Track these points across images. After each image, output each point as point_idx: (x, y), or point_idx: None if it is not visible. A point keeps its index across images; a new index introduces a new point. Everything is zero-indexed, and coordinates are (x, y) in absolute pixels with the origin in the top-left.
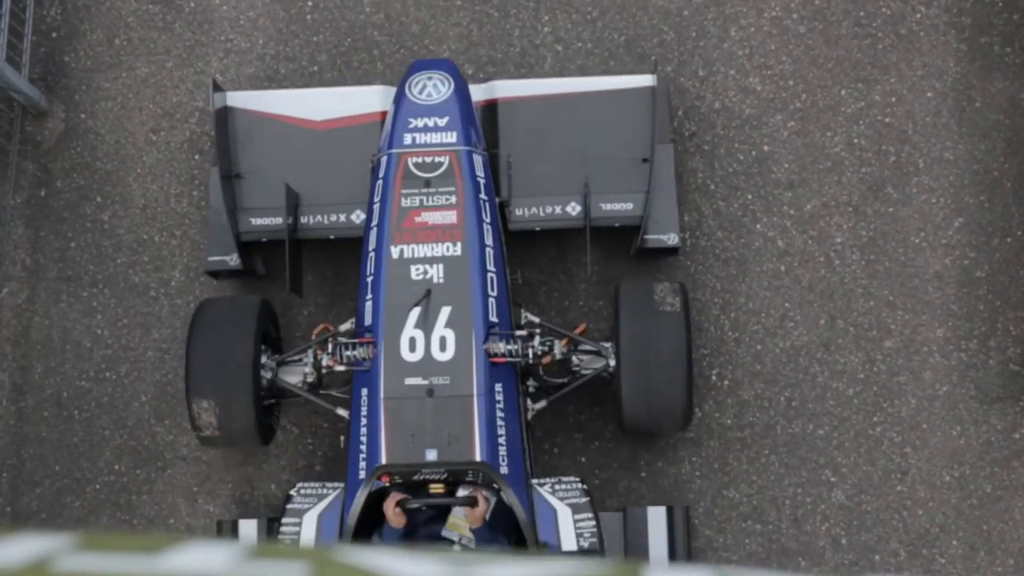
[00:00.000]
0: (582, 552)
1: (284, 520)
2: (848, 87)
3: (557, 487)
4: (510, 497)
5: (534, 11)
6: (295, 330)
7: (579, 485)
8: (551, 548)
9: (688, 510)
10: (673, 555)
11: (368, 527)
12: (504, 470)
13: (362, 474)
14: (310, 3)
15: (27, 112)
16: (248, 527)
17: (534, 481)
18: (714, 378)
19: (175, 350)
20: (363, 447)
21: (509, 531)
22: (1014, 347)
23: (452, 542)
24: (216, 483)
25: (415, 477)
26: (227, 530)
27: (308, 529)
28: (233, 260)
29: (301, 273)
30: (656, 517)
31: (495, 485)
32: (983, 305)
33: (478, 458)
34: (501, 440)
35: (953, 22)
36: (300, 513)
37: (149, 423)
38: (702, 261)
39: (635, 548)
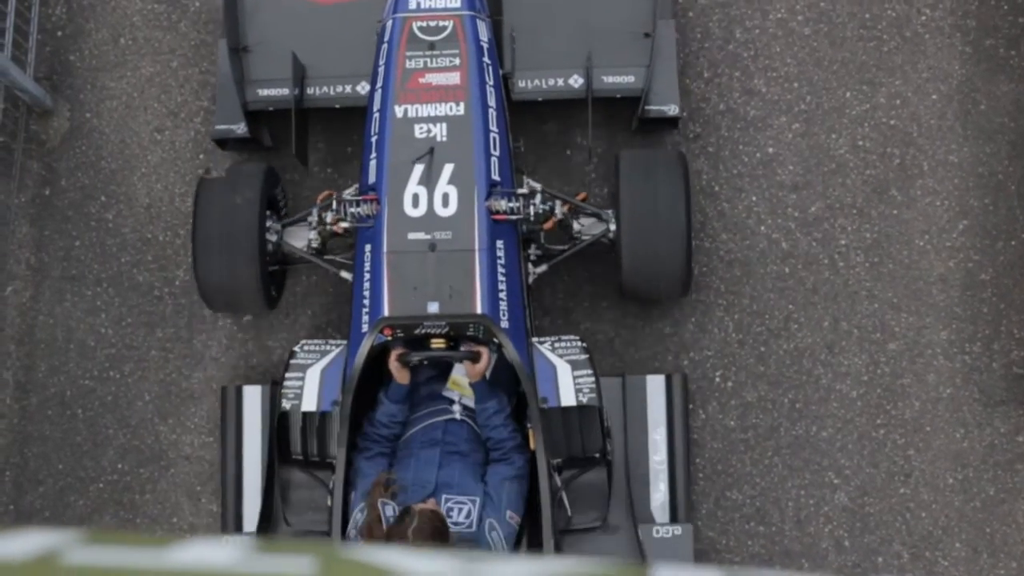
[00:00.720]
0: (580, 408)
1: (287, 375)
2: (853, 89)
3: (557, 344)
4: (510, 352)
5: None
6: (301, 202)
7: (579, 343)
8: (550, 404)
9: (686, 378)
10: (671, 422)
11: (374, 392)
12: (504, 324)
13: (365, 328)
14: None
15: (32, 111)
16: (253, 393)
17: (534, 339)
18: (718, 379)
19: (179, 349)
20: (366, 302)
21: (509, 390)
22: (1018, 350)
23: (451, 401)
24: (219, 482)
25: (417, 331)
26: (231, 395)
27: (311, 384)
28: (240, 129)
29: (307, 143)
30: (655, 385)
31: (495, 340)
32: (987, 308)
33: (479, 311)
34: (502, 295)
35: (958, 25)
36: (303, 368)
37: (153, 422)
38: (706, 263)
39: (634, 414)
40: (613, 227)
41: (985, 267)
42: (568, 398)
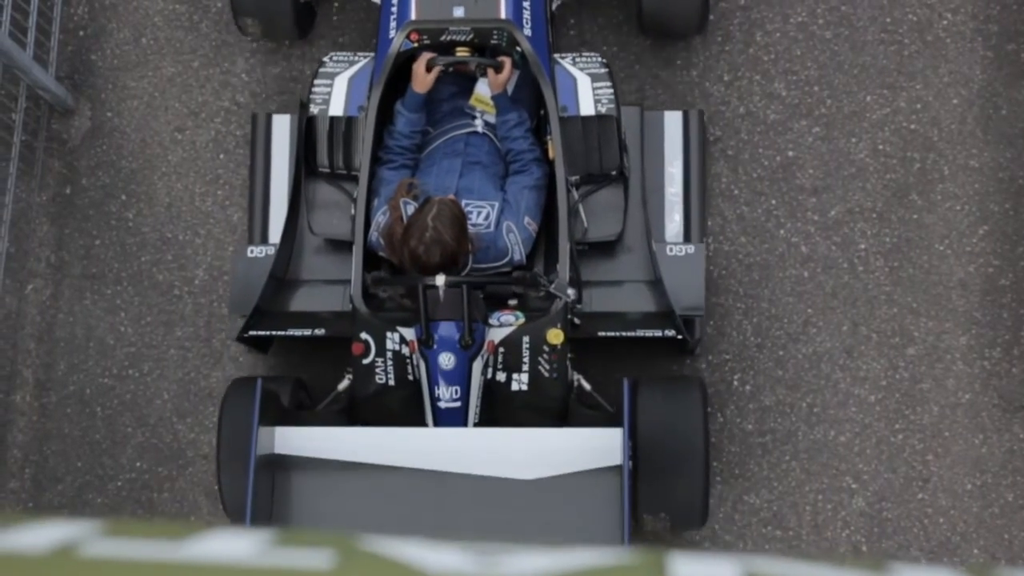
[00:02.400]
0: (599, 118)
1: (316, 82)
2: (873, 93)
3: (578, 59)
4: (531, 57)
5: None
6: None
7: (599, 59)
8: (569, 112)
9: (703, 113)
10: (687, 156)
11: (392, 102)
12: (527, 33)
13: (392, 34)
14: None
15: (53, 110)
16: (282, 121)
17: (555, 55)
18: (736, 383)
19: (197, 348)
20: (394, 9)
21: (530, 108)
22: None
23: (474, 116)
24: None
25: (443, 38)
26: (261, 122)
27: (339, 90)
28: None
29: None
30: (672, 121)
31: (518, 48)
32: (1007, 313)
33: (503, 15)
34: (525, 4)
35: (980, 29)
36: (332, 76)
37: (171, 421)
38: (725, 266)
39: (651, 148)
40: None
41: (1005, 272)
42: (587, 107)
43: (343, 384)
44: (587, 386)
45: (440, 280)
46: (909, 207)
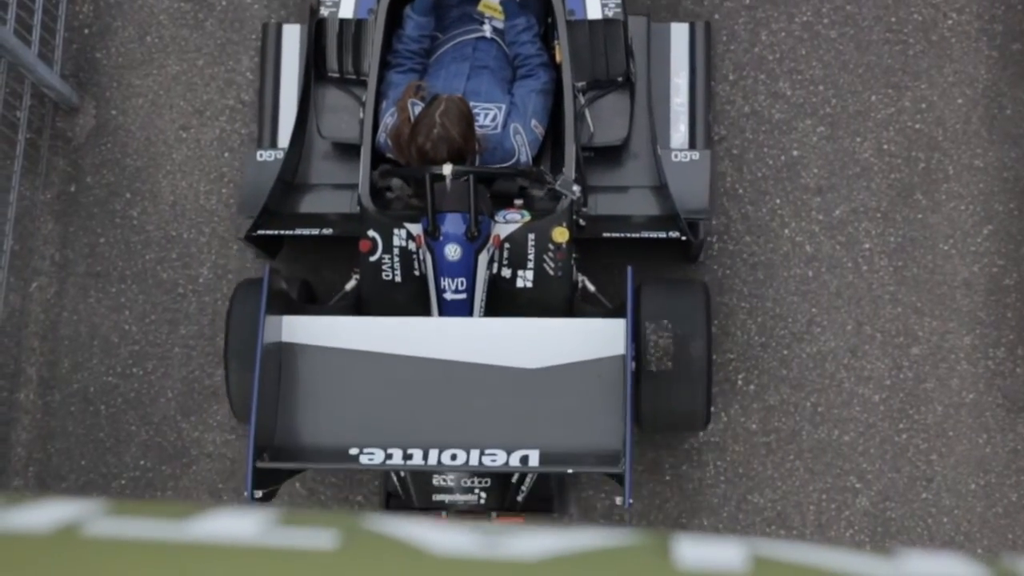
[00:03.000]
0: (606, 22)
1: None
2: (878, 93)
3: None
4: None
5: None
6: None
7: None
8: (577, 16)
9: (709, 25)
10: (693, 67)
11: (401, 6)
12: None
13: None
14: None
15: (58, 108)
16: (292, 31)
17: None
18: (740, 382)
19: (202, 347)
20: None
21: (538, 15)
22: None
23: (482, 21)
24: (241, 480)
25: None
26: (271, 32)
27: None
28: None
29: None
30: (678, 33)
31: None
32: (1011, 313)
33: None
34: None
35: (985, 29)
36: None
37: (175, 419)
38: (730, 265)
39: (657, 58)
40: None
41: (1010, 272)
42: (594, 11)
43: (350, 284)
44: (591, 287)
45: (447, 169)
46: (914, 207)
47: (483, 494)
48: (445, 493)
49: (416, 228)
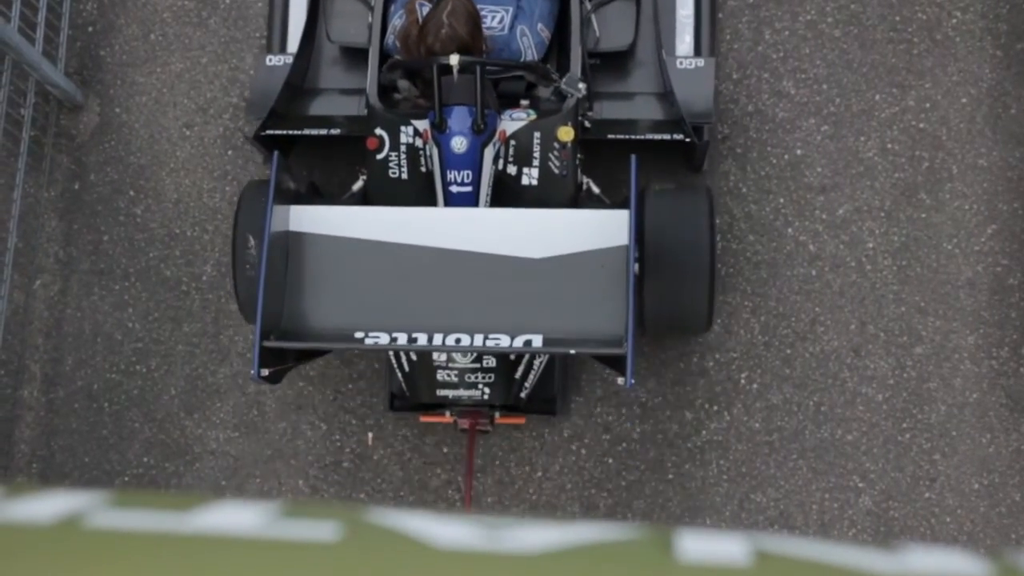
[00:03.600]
0: None
1: None
2: (882, 92)
3: None
4: None
5: None
6: None
7: None
8: None
9: None
10: (698, 13)
11: None
12: None
13: None
14: None
15: (62, 106)
16: None
17: None
18: (743, 381)
19: (205, 344)
20: None
21: None
22: None
23: None
24: (244, 477)
25: None
26: None
27: None
28: None
29: None
30: None
31: None
32: (1015, 313)
33: None
34: None
35: (989, 28)
36: None
37: (178, 417)
38: (733, 264)
39: None
40: None
41: (1013, 271)
42: None
43: (357, 185)
44: (596, 189)
45: (454, 59)
46: (917, 206)
47: (486, 389)
48: (449, 388)
49: (423, 124)
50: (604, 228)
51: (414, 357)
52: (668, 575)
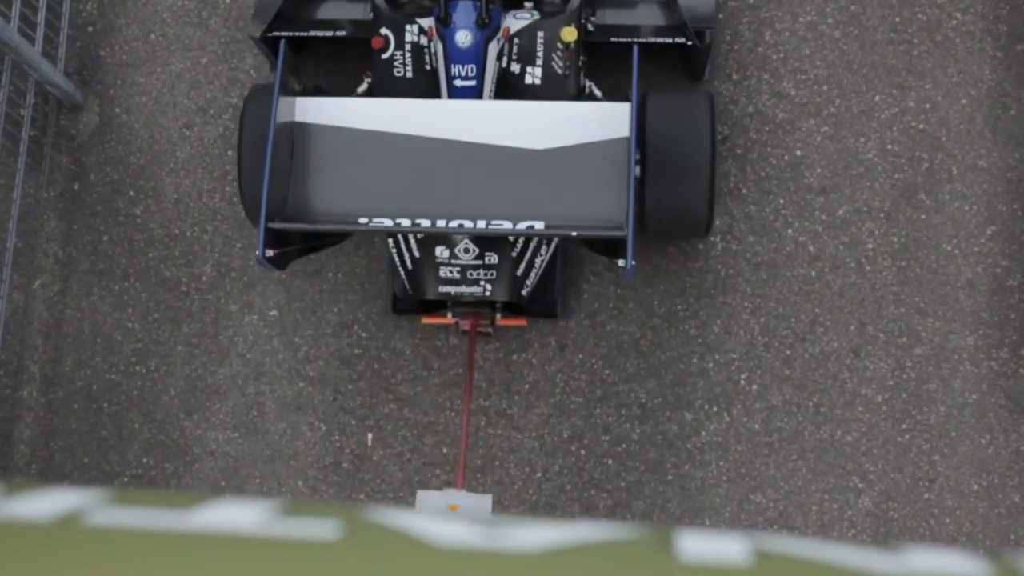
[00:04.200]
0: None
1: None
2: (882, 93)
3: None
4: None
5: None
6: None
7: None
8: None
9: None
10: None
11: None
12: None
13: None
14: None
15: (62, 106)
16: None
17: None
18: (742, 382)
19: (205, 345)
20: None
21: None
22: None
23: None
24: (243, 478)
25: None
26: None
27: None
28: None
29: None
30: None
31: None
32: (1015, 314)
33: None
34: None
35: (989, 29)
36: None
37: (178, 417)
38: (733, 265)
39: None
40: None
41: (1013, 272)
42: None
43: (362, 87)
44: (598, 93)
45: None
46: (917, 207)
47: (488, 286)
48: (452, 285)
49: (428, 22)
50: (606, 120)
51: (417, 254)
52: (669, 574)
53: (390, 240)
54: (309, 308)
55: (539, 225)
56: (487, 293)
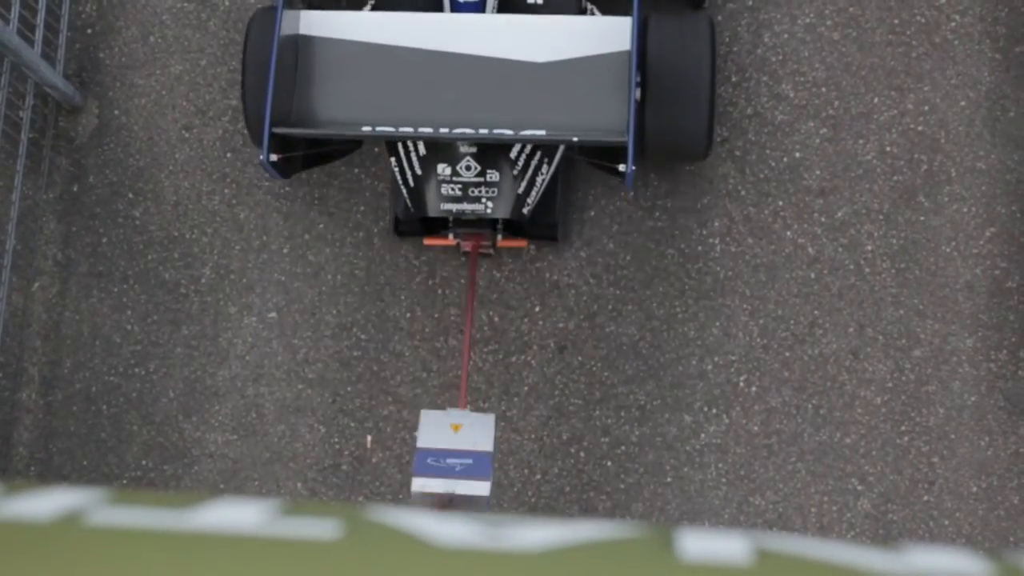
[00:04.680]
0: None
1: None
2: (881, 95)
3: None
4: None
5: None
6: None
7: None
8: None
9: None
10: None
11: None
12: None
13: None
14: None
15: (61, 108)
16: None
17: None
18: (742, 384)
19: (204, 347)
20: None
21: None
22: None
23: None
24: (242, 480)
25: None
26: None
27: None
28: None
29: None
30: None
31: None
32: (1014, 316)
33: None
34: None
35: (988, 31)
36: None
37: (177, 419)
38: (732, 267)
39: None
40: None
41: (1012, 275)
42: None
43: (367, 8)
44: (598, 14)
45: None
46: (916, 209)
47: (490, 203)
48: (453, 202)
49: None
50: (607, 35)
51: (419, 171)
52: (670, 573)
53: (392, 159)
54: (308, 310)
55: (540, 132)
56: (488, 211)
